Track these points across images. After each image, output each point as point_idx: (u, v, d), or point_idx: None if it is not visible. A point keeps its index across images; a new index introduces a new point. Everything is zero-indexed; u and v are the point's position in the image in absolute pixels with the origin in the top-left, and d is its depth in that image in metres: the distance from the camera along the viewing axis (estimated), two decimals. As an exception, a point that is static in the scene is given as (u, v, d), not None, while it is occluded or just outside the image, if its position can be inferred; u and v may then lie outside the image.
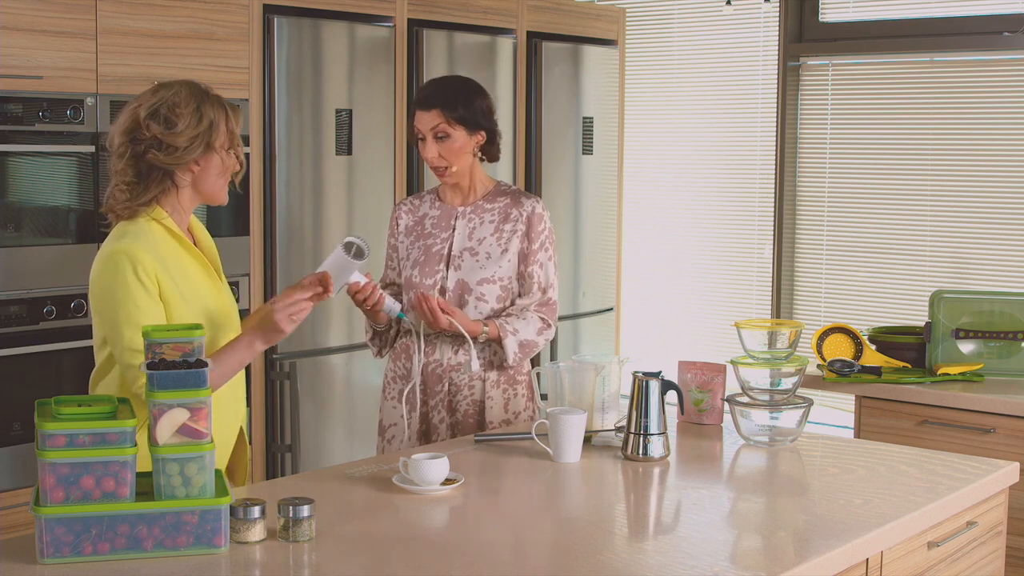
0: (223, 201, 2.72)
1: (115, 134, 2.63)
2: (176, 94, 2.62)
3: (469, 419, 3.27)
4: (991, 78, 5.52)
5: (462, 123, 3.21)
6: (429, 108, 3.21)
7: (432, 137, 3.21)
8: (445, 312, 3.12)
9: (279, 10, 4.58)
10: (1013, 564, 3.53)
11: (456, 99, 3.21)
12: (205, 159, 2.64)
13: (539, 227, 3.28)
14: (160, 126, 2.58)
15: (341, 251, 2.89)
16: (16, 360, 3.91)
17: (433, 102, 3.21)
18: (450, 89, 3.25)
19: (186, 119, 2.60)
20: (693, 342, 6.46)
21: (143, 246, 2.55)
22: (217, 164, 2.66)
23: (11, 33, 3.82)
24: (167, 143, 2.58)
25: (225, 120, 2.65)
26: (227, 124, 2.65)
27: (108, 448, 2.10)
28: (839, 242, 6.00)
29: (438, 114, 3.20)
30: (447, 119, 3.19)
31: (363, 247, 2.89)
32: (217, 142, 2.63)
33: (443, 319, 3.12)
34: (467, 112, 3.21)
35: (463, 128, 3.21)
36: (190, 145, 2.60)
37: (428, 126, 3.20)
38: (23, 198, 3.94)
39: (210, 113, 2.63)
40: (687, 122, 6.51)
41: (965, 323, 3.96)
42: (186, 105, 2.61)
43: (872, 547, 2.35)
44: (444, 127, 3.19)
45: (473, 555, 2.19)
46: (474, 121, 3.22)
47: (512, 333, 3.21)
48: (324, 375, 4.80)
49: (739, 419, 3.06)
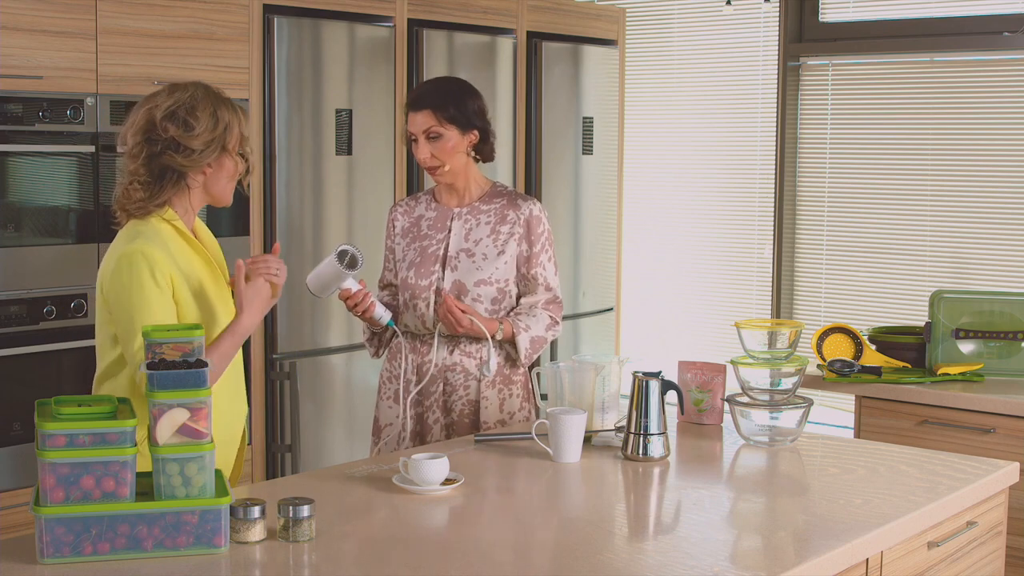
0: (229, 203, 2.74)
1: (128, 133, 2.64)
2: (193, 96, 2.63)
3: (464, 419, 3.27)
4: (991, 78, 5.52)
5: (454, 123, 3.21)
6: (420, 109, 3.21)
7: (424, 138, 3.21)
8: (465, 312, 3.15)
9: (279, 10, 4.58)
10: (1013, 564, 3.53)
11: (447, 99, 3.22)
12: (218, 162, 2.66)
13: (539, 229, 3.29)
14: (178, 128, 2.59)
15: (334, 259, 2.94)
16: (16, 360, 3.91)
17: (424, 103, 3.21)
18: (441, 90, 3.26)
19: (204, 122, 2.61)
20: (693, 342, 6.46)
21: (159, 247, 2.57)
22: (230, 167, 2.68)
23: (11, 33, 3.83)
24: (184, 145, 2.59)
25: (239, 123, 2.67)
26: (240, 127, 2.67)
27: (108, 448, 2.10)
28: (839, 242, 6.00)
29: (429, 114, 3.20)
30: (438, 119, 3.20)
31: (357, 256, 2.94)
32: (231, 145, 2.66)
33: (465, 320, 3.13)
34: (458, 112, 3.21)
35: (455, 128, 3.21)
36: (206, 148, 2.61)
37: (420, 127, 3.21)
38: (23, 198, 3.94)
39: (226, 116, 2.65)
40: (687, 122, 6.51)
41: (965, 323, 3.96)
42: (203, 108, 2.62)
43: (872, 547, 2.35)
44: (436, 128, 3.20)
45: (473, 555, 2.19)
46: (466, 120, 3.23)
47: (524, 330, 3.24)
48: (324, 375, 4.80)
49: (739, 419, 3.05)
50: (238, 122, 2.67)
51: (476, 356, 3.25)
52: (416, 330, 3.29)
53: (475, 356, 3.25)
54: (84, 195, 4.04)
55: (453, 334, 3.22)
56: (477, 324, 3.16)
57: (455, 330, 3.17)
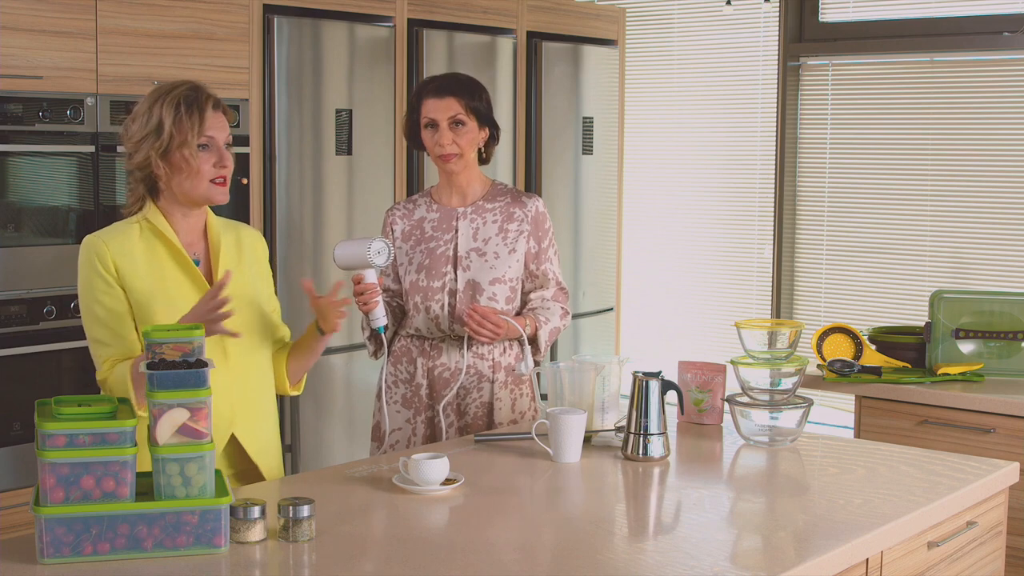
0: (215, 201, 2.67)
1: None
2: (145, 98, 2.63)
3: (479, 421, 3.27)
4: (991, 78, 5.52)
5: (475, 114, 3.24)
6: (445, 96, 3.21)
7: (448, 124, 3.21)
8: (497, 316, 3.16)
9: (279, 10, 4.58)
10: (1013, 564, 3.52)
11: (472, 91, 3.25)
12: (167, 161, 2.59)
13: (545, 225, 3.31)
14: (124, 131, 2.63)
15: (369, 248, 2.92)
16: (16, 360, 3.91)
17: (450, 90, 3.22)
18: (463, 80, 3.29)
19: (139, 122, 2.60)
20: (693, 342, 6.46)
21: (106, 237, 2.60)
22: (184, 166, 2.59)
23: (11, 33, 3.82)
24: (127, 149, 2.62)
25: (174, 120, 2.56)
26: (178, 124, 2.56)
27: (108, 448, 2.10)
28: (839, 242, 6.00)
29: (455, 102, 3.21)
30: (464, 107, 3.21)
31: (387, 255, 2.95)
32: (174, 144, 2.56)
33: (504, 325, 3.15)
34: (480, 105, 3.25)
35: (475, 120, 3.24)
36: (138, 150, 2.60)
37: (445, 113, 3.20)
38: (23, 198, 3.94)
39: (158, 114, 2.57)
40: (687, 122, 6.51)
41: (965, 323, 3.96)
42: (142, 108, 2.61)
43: (872, 547, 2.35)
44: (461, 115, 3.21)
45: (473, 555, 2.19)
46: (485, 116, 3.26)
47: (544, 323, 3.26)
48: (324, 375, 4.80)
49: (739, 419, 3.05)
50: (174, 119, 2.55)
51: (488, 358, 3.25)
52: (428, 333, 3.26)
53: (487, 358, 3.25)
54: (84, 195, 4.04)
55: (486, 342, 3.21)
56: (513, 325, 3.18)
57: (493, 338, 3.16)
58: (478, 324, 3.12)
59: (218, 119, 2.63)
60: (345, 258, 3.05)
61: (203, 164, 2.60)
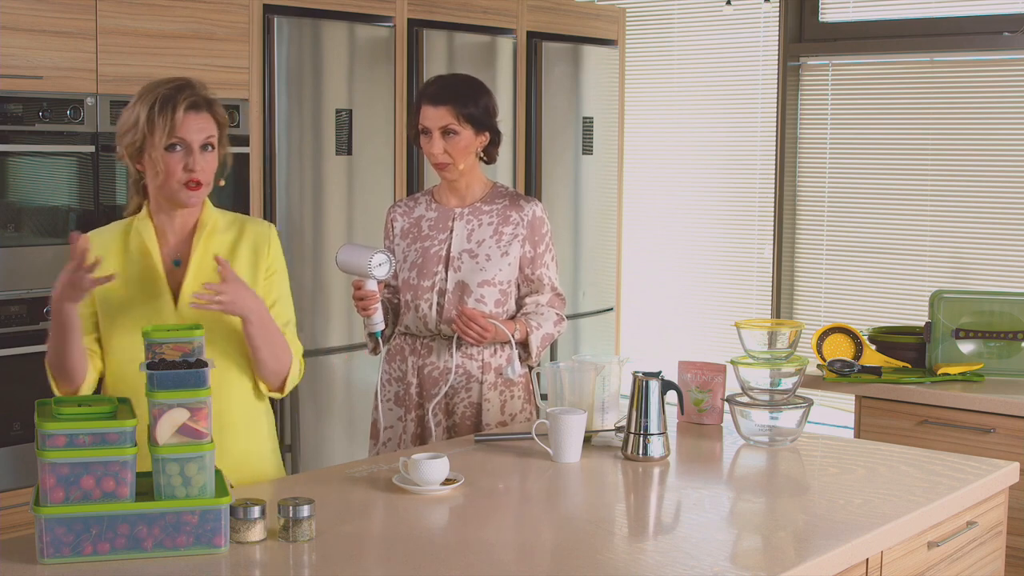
0: (185, 204, 2.58)
1: None
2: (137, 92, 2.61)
3: (467, 421, 3.26)
4: (991, 78, 5.52)
5: (470, 122, 3.20)
6: (439, 104, 3.19)
7: (439, 133, 3.20)
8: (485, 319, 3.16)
9: (279, 10, 4.58)
10: (1013, 564, 3.52)
11: (468, 98, 3.21)
12: (140, 161, 2.58)
13: (542, 230, 3.29)
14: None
15: (371, 259, 2.94)
16: (16, 360, 3.91)
17: (444, 98, 3.19)
18: (461, 87, 3.25)
19: (123, 116, 2.59)
20: (693, 342, 6.46)
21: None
22: (151, 166, 2.55)
23: (11, 33, 3.82)
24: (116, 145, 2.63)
25: (147, 119, 2.51)
26: (149, 124, 2.51)
27: (108, 448, 2.10)
28: (839, 242, 6.00)
29: (448, 111, 3.18)
30: (457, 117, 3.19)
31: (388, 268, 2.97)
32: (148, 143, 2.52)
33: (491, 328, 3.15)
34: (476, 111, 3.21)
35: (471, 127, 3.21)
36: (120, 147, 2.59)
37: (437, 123, 3.19)
38: (23, 198, 3.94)
39: (136, 110, 2.54)
40: (687, 122, 6.51)
41: (965, 323, 3.96)
42: (130, 103, 2.59)
43: (872, 547, 2.35)
44: (453, 125, 3.18)
45: (473, 555, 2.19)
46: (482, 121, 3.22)
47: (536, 328, 3.25)
48: (324, 375, 4.80)
49: (739, 419, 3.05)
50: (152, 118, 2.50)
51: (478, 359, 3.25)
52: (418, 331, 3.27)
53: (477, 359, 3.25)
54: (84, 195, 4.04)
55: (475, 344, 3.21)
56: (501, 328, 3.17)
57: (479, 341, 3.16)
58: (465, 326, 3.12)
59: (195, 120, 2.54)
60: (347, 265, 3.06)
61: (172, 165, 2.54)
